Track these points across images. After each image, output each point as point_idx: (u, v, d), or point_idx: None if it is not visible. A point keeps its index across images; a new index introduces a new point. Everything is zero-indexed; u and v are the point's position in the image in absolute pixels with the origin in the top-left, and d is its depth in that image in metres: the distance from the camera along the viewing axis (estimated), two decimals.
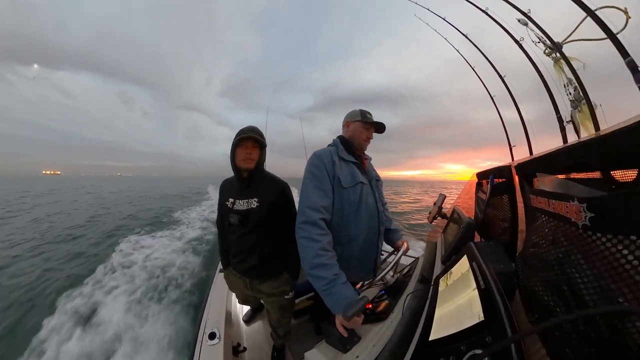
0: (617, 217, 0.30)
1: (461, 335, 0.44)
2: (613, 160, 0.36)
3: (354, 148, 1.23)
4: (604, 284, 0.32)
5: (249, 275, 1.34)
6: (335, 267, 0.92)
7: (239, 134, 1.19)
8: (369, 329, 0.84)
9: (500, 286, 0.47)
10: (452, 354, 0.41)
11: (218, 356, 1.15)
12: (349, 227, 1.13)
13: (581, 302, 0.36)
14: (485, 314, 0.42)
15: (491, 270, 0.54)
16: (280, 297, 1.37)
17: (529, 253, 0.60)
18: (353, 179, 1.15)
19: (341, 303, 0.83)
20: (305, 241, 0.94)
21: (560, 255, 0.44)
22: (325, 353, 0.78)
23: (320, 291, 0.89)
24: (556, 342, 0.40)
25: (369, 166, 1.34)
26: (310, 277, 0.92)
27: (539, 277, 0.51)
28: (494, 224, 0.97)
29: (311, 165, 1.11)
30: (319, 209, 1.01)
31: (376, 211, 1.22)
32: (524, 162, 0.67)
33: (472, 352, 0.37)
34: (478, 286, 0.51)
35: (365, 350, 0.74)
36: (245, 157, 1.19)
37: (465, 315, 0.47)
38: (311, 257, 0.91)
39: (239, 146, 1.19)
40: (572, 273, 0.39)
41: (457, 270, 0.70)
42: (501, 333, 0.36)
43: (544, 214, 0.51)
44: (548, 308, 0.45)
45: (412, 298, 0.89)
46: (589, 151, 0.39)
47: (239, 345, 1.54)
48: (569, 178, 0.49)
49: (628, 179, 0.37)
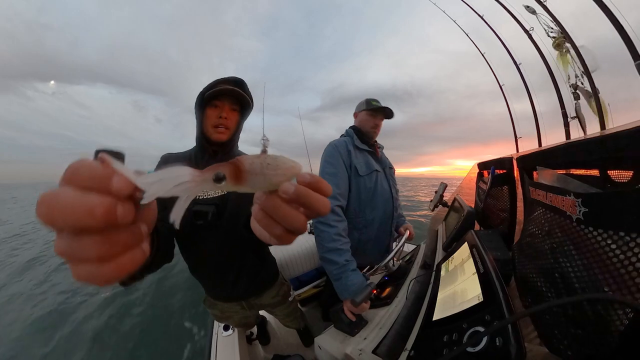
0: (609, 214, 0.32)
1: (462, 315, 0.47)
2: (612, 160, 0.37)
3: (366, 137, 1.26)
4: (592, 274, 0.35)
5: (243, 296, 1.01)
6: (348, 253, 0.98)
7: (211, 86, 0.76)
8: (375, 313, 0.89)
9: (498, 270, 0.51)
10: (455, 332, 0.45)
11: (233, 346, 1.23)
12: (366, 213, 1.19)
13: (571, 290, 0.39)
14: (484, 296, 0.46)
15: (490, 257, 0.58)
16: (286, 303, 1.19)
17: (525, 242, 0.63)
18: (368, 167, 1.20)
19: (350, 289, 0.88)
20: (322, 226, 0.99)
21: (554, 245, 0.47)
22: (334, 337, 0.82)
23: (331, 275, 0.95)
24: (547, 324, 0.44)
25: (382, 154, 1.38)
26: (323, 261, 0.98)
27: (534, 264, 0.55)
28: (493, 213, 1.00)
29: (328, 154, 1.15)
30: (335, 196, 1.06)
31: (390, 197, 1.28)
32: (525, 155, 0.69)
33: (474, 328, 0.41)
34: (478, 270, 0.55)
35: (373, 333, 0.79)
36: (217, 124, 0.78)
37: (466, 297, 0.51)
38: (327, 242, 0.97)
39: (209, 105, 0.77)
40: (564, 262, 0.42)
41: (457, 256, 0.74)
42: (499, 312, 0.40)
43: (542, 206, 0.53)
44: (540, 293, 0.49)
45: (415, 283, 0.94)
46: (590, 149, 0.41)
47: (252, 334, 1.64)
48: (568, 174, 0.50)
49: (623, 179, 0.39)
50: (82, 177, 0.14)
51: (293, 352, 1.11)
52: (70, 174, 0.14)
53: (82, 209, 0.13)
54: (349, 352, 0.71)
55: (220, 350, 1.21)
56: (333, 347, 0.78)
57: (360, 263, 0.99)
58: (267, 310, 1.21)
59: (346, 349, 0.73)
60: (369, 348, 0.71)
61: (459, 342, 0.42)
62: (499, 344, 0.34)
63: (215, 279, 0.93)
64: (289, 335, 1.72)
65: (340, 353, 0.74)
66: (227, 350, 1.20)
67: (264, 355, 1.60)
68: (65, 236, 0.14)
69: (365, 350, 0.70)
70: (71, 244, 0.14)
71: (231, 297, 1.02)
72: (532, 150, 0.68)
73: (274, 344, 1.70)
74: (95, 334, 3.17)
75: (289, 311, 1.26)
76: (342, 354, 0.73)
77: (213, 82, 0.77)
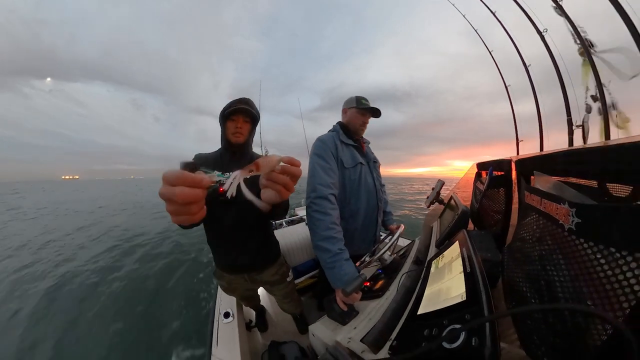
0: (602, 228, 0.32)
1: (445, 312, 0.48)
2: (612, 173, 0.36)
3: (352, 133, 1.31)
4: (577, 285, 0.34)
5: (247, 268, 1.23)
6: (341, 242, 0.99)
7: (230, 106, 1.06)
8: (366, 305, 0.91)
9: (484, 272, 0.51)
10: (435, 327, 0.46)
11: (234, 332, 1.28)
12: (351, 203, 1.26)
13: (554, 298, 0.39)
14: (467, 295, 0.47)
15: (478, 257, 0.58)
16: (284, 283, 1.35)
17: (515, 246, 0.63)
18: (353, 160, 1.26)
19: (342, 278, 0.90)
20: (318, 214, 1.01)
21: (543, 252, 0.47)
22: (327, 325, 0.86)
23: (324, 264, 0.97)
24: (527, 329, 0.44)
25: (367, 149, 1.44)
26: (317, 249, 0.99)
27: (521, 269, 0.55)
28: (487, 214, 1.00)
29: (317, 148, 1.19)
30: (329, 184, 1.08)
31: (374, 189, 1.34)
32: (523, 159, 0.68)
33: (453, 326, 0.42)
34: (464, 270, 0.56)
35: (362, 323, 0.81)
36: (235, 132, 1.09)
37: (451, 294, 0.52)
38: (322, 230, 0.99)
39: (229, 119, 1.09)
40: (551, 270, 0.42)
41: (448, 254, 0.75)
42: (479, 313, 0.40)
43: (535, 211, 0.53)
44: (525, 298, 0.49)
45: (406, 277, 0.95)
46: (590, 159, 0.40)
47: (251, 322, 1.72)
48: (565, 181, 0.49)
49: (621, 194, 0.38)
50: (187, 179, 0.29)
51: (289, 339, 1.17)
52: (176, 178, 0.29)
53: (193, 194, 0.29)
54: (339, 339, 0.75)
55: (222, 335, 1.26)
56: (325, 335, 0.82)
57: (349, 253, 1.00)
58: (266, 288, 1.39)
59: (337, 336, 0.77)
60: (358, 337, 0.74)
61: (437, 337, 0.43)
62: (474, 344, 0.34)
63: (227, 247, 1.16)
64: (286, 323, 1.82)
65: (331, 340, 0.78)
66: (227, 336, 1.26)
67: (262, 341, 1.68)
68: (174, 204, 0.29)
69: (354, 339, 0.73)
70: (178, 207, 0.30)
71: (236, 267, 1.21)
72: (532, 154, 0.67)
73: (271, 331, 1.79)
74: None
75: (286, 291, 1.39)
76: (333, 341, 0.76)
77: (230, 102, 1.07)
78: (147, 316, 3.17)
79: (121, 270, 4.74)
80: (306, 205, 1.08)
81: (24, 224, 9.89)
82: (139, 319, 3.14)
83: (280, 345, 1.13)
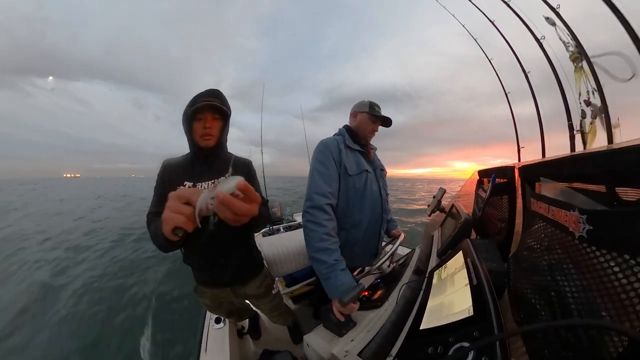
0: (615, 234, 0.30)
1: (450, 328, 0.45)
2: (622, 176, 0.35)
3: (359, 138, 1.23)
4: (591, 296, 0.33)
5: (230, 283, 1.12)
6: (337, 253, 0.96)
7: (193, 102, 0.87)
8: (364, 315, 0.88)
9: (492, 284, 0.49)
10: (440, 344, 0.43)
11: (224, 338, 1.23)
12: (353, 213, 1.16)
13: (567, 310, 0.37)
14: (475, 310, 0.44)
15: (485, 269, 0.56)
16: (269, 296, 1.26)
17: (522, 255, 0.61)
18: (358, 167, 1.17)
19: (338, 289, 0.87)
20: (312, 225, 0.98)
21: (552, 262, 0.45)
22: (322, 336, 0.82)
23: (320, 275, 0.94)
24: (537, 343, 0.42)
25: (374, 156, 1.35)
26: (312, 260, 0.96)
27: (529, 279, 0.53)
28: (491, 222, 0.98)
29: (318, 152, 1.13)
30: (325, 194, 1.03)
31: (380, 199, 1.25)
32: (528, 165, 0.67)
33: (460, 344, 0.39)
34: (470, 282, 0.53)
35: (360, 335, 0.78)
36: (203, 133, 0.90)
37: (456, 308, 0.49)
38: (316, 241, 0.95)
39: (195, 119, 0.89)
40: (561, 280, 0.40)
41: (451, 264, 0.72)
42: (488, 329, 0.38)
43: (542, 219, 0.51)
44: (534, 310, 0.47)
45: (406, 288, 0.92)
46: (598, 163, 0.38)
47: (243, 328, 1.64)
48: (573, 187, 0.48)
49: (632, 198, 0.36)
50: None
51: (283, 348, 1.11)
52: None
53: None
54: (336, 352, 0.71)
55: (211, 342, 1.21)
56: (320, 346, 0.78)
57: (347, 266, 0.97)
58: (252, 302, 1.29)
59: (333, 349, 0.73)
60: (355, 350, 0.70)
61: (443, 355, 0.40)
62: None
63: (207, 262, 1.03)
64: (280, 331, 1.73)
65: (327, 352, 0.74)
66: (217, 343, 1.21)
67: (254, 349, 1.60)
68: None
69: (352, 352, 0.69)
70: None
71: (218, 282, 1.11)
72: (536, 161, 0.66)
73: (264, 339, 1.71)
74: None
75: (273, 305, 1.30)
76: (328, 354, 0.72)
77: (193, 98, 0.89)
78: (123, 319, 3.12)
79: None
80: (302, 213, 1.04)
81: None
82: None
83: (273, 354, 1.08)
